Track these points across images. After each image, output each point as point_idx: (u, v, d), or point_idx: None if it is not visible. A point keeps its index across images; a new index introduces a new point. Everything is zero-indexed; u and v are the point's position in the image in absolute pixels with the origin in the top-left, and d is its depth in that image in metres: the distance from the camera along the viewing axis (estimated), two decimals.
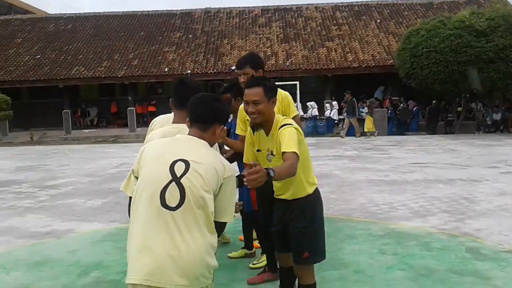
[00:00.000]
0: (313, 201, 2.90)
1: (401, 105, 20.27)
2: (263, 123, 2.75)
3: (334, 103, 20.30)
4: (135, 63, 23.42)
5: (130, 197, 2.20)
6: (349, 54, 23.46)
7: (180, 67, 22.87)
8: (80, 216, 6.42)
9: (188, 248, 1.92)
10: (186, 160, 2.01)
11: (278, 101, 3.05)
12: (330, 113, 20.08)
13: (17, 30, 26.96)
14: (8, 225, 6.04)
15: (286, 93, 3.39)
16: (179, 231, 1.93)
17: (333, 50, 23.84)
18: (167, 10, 29.09)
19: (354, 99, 17.85)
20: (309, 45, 24.51)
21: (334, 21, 26.64)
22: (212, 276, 2.07)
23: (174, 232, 1.93)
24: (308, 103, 20.08)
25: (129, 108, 22.44)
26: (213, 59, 23.51)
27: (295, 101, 18.55)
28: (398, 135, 18.68)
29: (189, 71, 21.88)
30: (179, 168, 1.99)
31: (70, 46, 25.02)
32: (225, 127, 2.28)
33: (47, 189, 8.53)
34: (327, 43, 24.47)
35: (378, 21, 26.05)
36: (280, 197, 2.93)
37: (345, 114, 18.43)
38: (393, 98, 21.20)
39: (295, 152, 2.51)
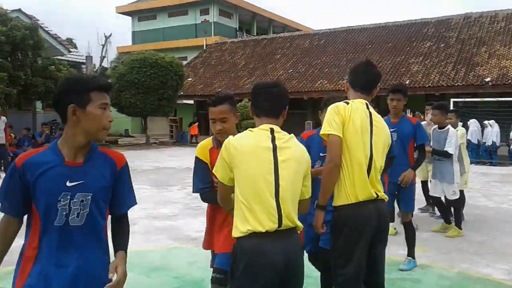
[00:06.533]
0: (234, 253, 2.22)
1: None
2: None
3: None
4: None
5: None
6: None
7: (424, 79, 21.07)
8: None
9: None
10: None
11: None
12: None
13: (278, 47, 30.11)
14: (174, 225, 6.59)
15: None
16: None
17: None
18: (421, 19, 27.38)
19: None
20: None
21: None
22: None
23: None
24: None
25: None
26: (464, 70, 20.77)
27: None
28: None
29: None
30: None
31: (319, 61, 26.36)
32: None
33: None
34: None
35: None
36: None
37: None
38: None
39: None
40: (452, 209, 6.47)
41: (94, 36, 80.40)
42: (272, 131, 2.27)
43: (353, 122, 2.67)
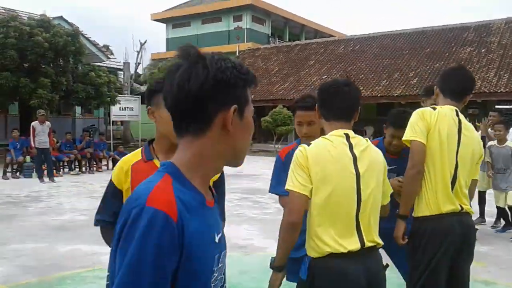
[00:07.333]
0: (310, 273, 2.03)
1: None
2: None
3: None
4: (414, 81, 22.34)
5: None
6: None
7: None
8: None
9: None
10: None
11: None
12: None
13: (312, 53, 29.91)
14: None
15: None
16: None
17: None
18: (460, 23, 26.68)
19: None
20: None
21: None
22: None
23: None
24: None
25: None
26: (506, 76, 20.08)
27: None
28: None
29: None
30: None
31: (354, 66, 26.01)
32: None
33: None
34: None
35: None
36: None
37: None
38: None
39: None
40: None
41: (128, 43, 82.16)
42: (347, 137, 2.06)
43: (439, 129, 2.52)
